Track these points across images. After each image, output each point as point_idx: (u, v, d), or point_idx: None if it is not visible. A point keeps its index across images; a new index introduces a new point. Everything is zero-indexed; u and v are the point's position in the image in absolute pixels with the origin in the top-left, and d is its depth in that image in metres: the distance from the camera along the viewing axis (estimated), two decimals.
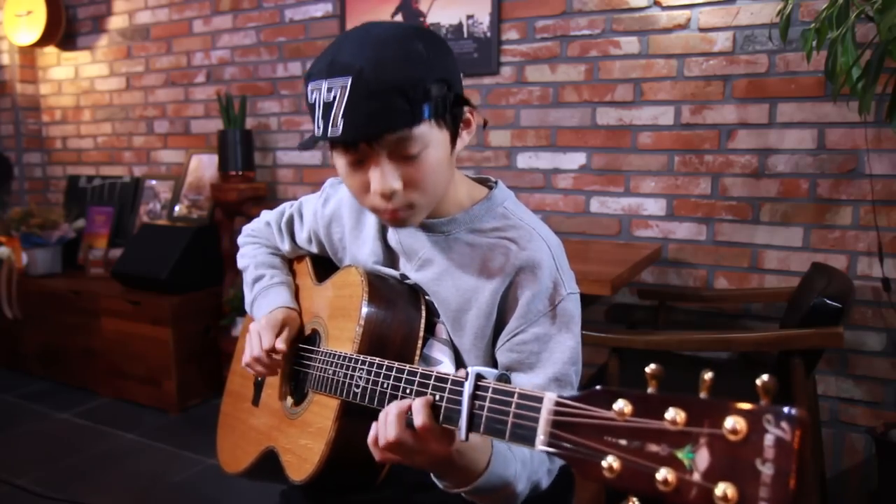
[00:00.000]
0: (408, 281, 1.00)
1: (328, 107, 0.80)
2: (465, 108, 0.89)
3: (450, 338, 0.97)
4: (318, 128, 0.83)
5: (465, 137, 0.91)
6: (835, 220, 2.09)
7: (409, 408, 0.73)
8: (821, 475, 1.93)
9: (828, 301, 1.61)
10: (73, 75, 3.78)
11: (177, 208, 3.33)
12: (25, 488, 2.20)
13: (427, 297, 0.98)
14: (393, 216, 0.88)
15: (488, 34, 2.54)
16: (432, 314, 0.98)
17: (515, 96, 2.53)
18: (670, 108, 2.29)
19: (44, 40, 3.62)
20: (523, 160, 2.56)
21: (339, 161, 0.87)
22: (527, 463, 0.81)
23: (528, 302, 0.90)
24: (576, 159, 2.46)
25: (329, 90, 0.81)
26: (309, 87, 0.84)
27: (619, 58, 2.35)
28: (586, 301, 0.98)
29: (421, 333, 0.95)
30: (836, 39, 1.50)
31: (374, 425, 0.75)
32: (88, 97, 3.74)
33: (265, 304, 1.10)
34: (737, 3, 2.15)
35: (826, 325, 1.59)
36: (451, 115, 0.87)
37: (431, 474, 0.78)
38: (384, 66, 0.79)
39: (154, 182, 3.49)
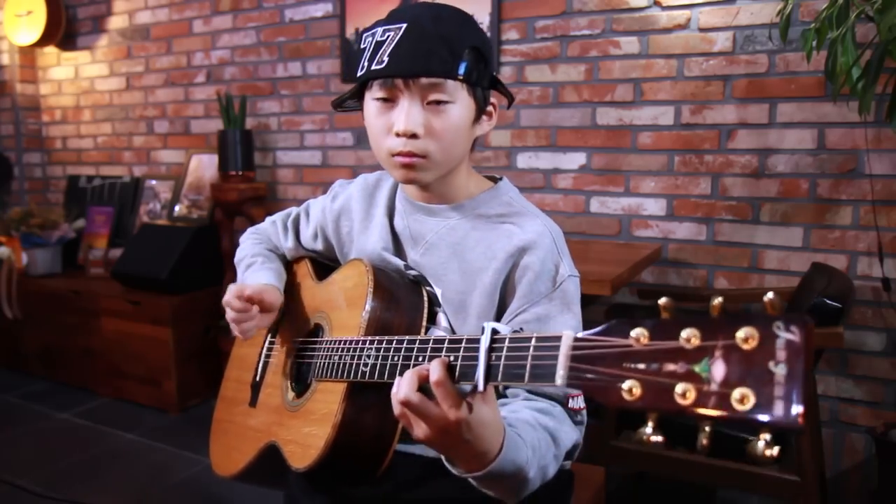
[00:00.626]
0: (410, 272, 1.02)
1: (378, 45, 0.90)
2: (492, 101, 0.98)
3: (450, 325, 0.99)
4: (362, 68, 0.92)
5: (484, 124, 0.98)
6: (835, 220, 2.09)
7: (427, 372, 0.72)
8: (821, 475, 1.92)
9: (828, 301, 1.61)
10: (73, 75, 3.78)
11: (177, 208, 3.33)
12: (25, 488, 2.20)
13: (428, 289, 1.00)
14: (406, 161, 0.92)
15: (488, 34, 2.54)
16: (433, 304, 0.99)
17: (515, 96, 2.51)
18: (670, 108, 2.29)
19: (44, 40, 3.62)
20: (523, 160, 2.56)
21: (370, 103, 0.94)
22: (537, 449, 0.81)
23: (531, 283, 0.93)
24: (576, 159, 2.46)
25: (384, 33, 0.90)
26: (363, 36, 0.94)
27: (619, 58, 2.35)
28: (586, 301, 0.99)
29: (424, 323, 0.97)
30: (836, 39, 1.50)
31: (396, 380, 0.75)
32: (88, 97, 3.74)
33: (249, 281, 1.13)
34: (737, 3, 2.15)
35: (826, 325, 1.59)
36: (482, 91, 0.95)
37: (443, 458, 0.78)
38: (440, 19, 0.90)
39: (154, 182, 3.49)
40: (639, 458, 1.79)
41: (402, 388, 0.72)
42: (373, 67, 0.89)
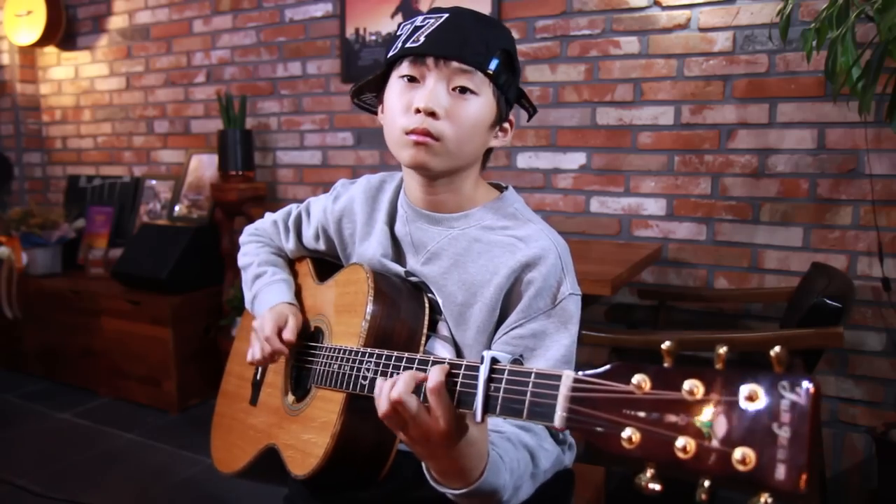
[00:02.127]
0: (411, 278, 1.01)
1: (416, 29, 0.92)
2: (510, 117, 0.99)
3: (451, 334, 0.98)
4: (396, 48, 0.93)
5: (499, 135, 0.99)
6: (835, 220, 2.09)
7: (425, 378, 0.72)
8: (821, 475, 1.93)
9: (828, 301, 1.62)
10: (73, 75, 3.78)
11: (177, 208, 3.33)
12: (25, 488, 2.20)
13: (430, 295, 0.99)
14: (420, 139, 0.90)
15: None
16: (434, 311, 0.98)
17: None
18: (670, 108, 2.29)
19: (44, 40, 3.62)
20: (523, 160, 2.56)
21: (395, 82, 0.94)
22: (514, 471, 0.81)
23: (531, 298, 0.91)
24: (576, 159, 2.46)
25: (424, 20, 0.93)
26: (401, 25, 0.96)
27: (619, 58, 2.35)
28: (586, 301, 0.99)
29: (424, 330, 0.96)
30: (836, 39, 1.50)
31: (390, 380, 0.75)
32: (88, 97, 3.74)
33: (266, 300, 1.11)
34: (737, 3, 2.15)
35: (826, 325, 1.59)
36: (506, 101, 0.96)
37: (425, 469, 0.78)
38: (480, 18, 0.93)
39: (154, 182, 3.49)
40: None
41: (399, 386, 0.72)
42: (408, 45, 0.91)
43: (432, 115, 0.89)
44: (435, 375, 0.70)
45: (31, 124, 3.91)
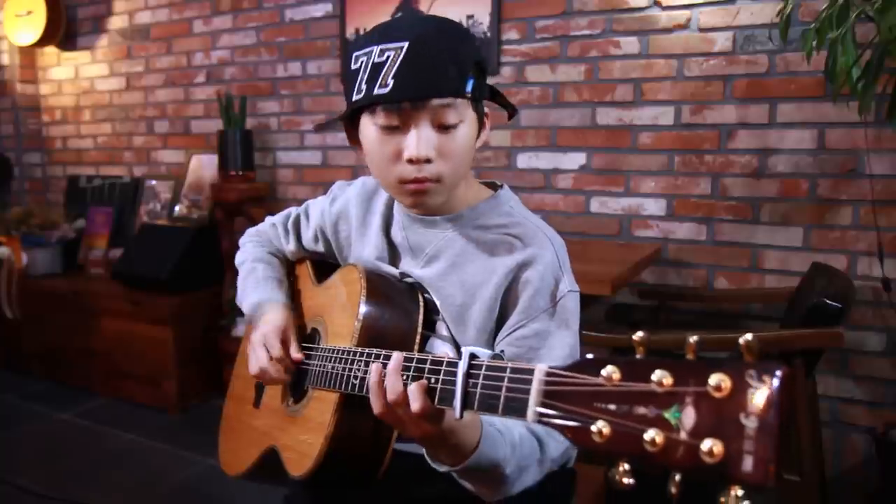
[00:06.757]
0: (407, 279, 1.01)
1: (377, 67, 0.83)
2: (485, 111, 0.94)
3: (451, 334, 0.98)
4: (360, 91, 0.85)
5: (482, 134, 0.95)
6: (835, 220, 2.09)
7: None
8: (821, 475, 1.92)
9: (828, 301, 1.62)
10: (73, 75, 3.78)
11: (177, 208, 3.33)
12: (25, 488, 2.20)
13: (426, 295, 0.99)
14: (419, 187, 0.89)
15: (488, 34, 2.54)
16: (431, 312, 0.98)
17: (515, 96, 2.53)
18: (670, 108, 2.28)
19: (44, 40, 3.62)
20: (523, 160, 2.56)
21: (371, 128, 0.89)
22: (516, 447, 0.81)
23: (530, 297, 0.91)
24: (576, 159, 2.46)
25: (381, 53, 0.84)
26: (354, 55, 0.87)
27: (619, 58, 2.35)
28: (586, 301, 0.99)
29: (419, 329, 0.96)
30: (836, 39, 1.50)
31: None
32: (88, 97, 3.74)
33: (253, 295, 1.12)
34: (737, 3, 2.15)
35: (826, 325, 1.59)
36: (481, 104, 0.92)
37: (424, 451, 0.79)
38: (442, 35, 0.85)
39: (154, 182, 3.49)
40: None
41: (391, 391, 0.74)
42: (375, 92, 0.84)
43: (426, 161, 0.87)
44: (417, 400, 0.71)
45: (31, 124, 3.90)
